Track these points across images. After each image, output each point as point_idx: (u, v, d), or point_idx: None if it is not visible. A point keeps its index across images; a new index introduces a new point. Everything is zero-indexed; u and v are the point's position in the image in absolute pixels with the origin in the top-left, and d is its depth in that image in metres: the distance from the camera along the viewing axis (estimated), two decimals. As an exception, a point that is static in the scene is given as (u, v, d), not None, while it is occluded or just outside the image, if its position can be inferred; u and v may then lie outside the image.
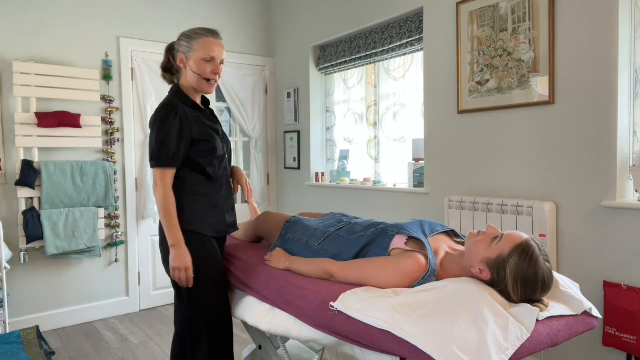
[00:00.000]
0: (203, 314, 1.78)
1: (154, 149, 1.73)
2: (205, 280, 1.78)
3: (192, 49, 1.79)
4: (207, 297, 1.79)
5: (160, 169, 1.72)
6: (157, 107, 1.77)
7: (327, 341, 1.44)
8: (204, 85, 1.83)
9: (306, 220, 1.92)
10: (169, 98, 1.81)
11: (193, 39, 1.79)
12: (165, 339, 3.22)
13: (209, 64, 1.79)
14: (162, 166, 1.72)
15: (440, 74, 2.97)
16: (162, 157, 1.72)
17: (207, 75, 1.80)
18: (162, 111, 1.74)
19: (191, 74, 1.81)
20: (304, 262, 1.68)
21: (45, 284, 3.40)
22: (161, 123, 1.72)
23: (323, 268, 1.59)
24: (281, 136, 4.49)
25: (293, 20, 4.26)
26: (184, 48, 1.81)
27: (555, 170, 2.41)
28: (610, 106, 2.20)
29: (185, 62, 1.81)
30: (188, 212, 1.78)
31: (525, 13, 2.49)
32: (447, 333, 1.14)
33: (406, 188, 3.22)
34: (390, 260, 1.46)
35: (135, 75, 3.75)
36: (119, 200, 3.69)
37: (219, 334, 1.81)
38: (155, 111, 1.77)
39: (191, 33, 1.81)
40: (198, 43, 1.78)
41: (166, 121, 1.72)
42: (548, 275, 1.32)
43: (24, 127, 3.20)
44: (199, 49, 1.78)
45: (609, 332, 2.19)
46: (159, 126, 1.72)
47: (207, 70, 1.80)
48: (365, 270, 1.48)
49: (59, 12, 3.42)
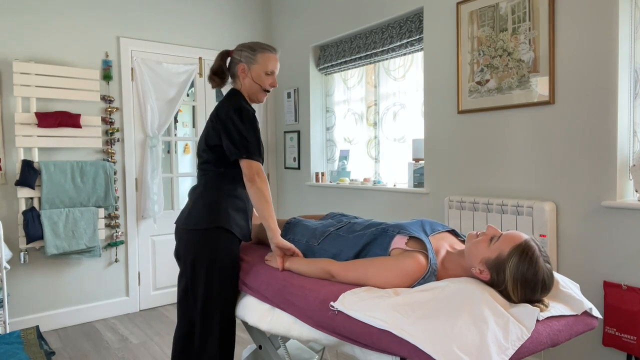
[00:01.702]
0: (218, 307, 1.83)
1: (249, 142, 1.80)
2: (227, 276, 1.84)
3: (256, 61, 1.92)
4: (224, 292, 1.84)
5: (257, 162, 1.82)
6: (235, 106, 1.84)
7: (327, 341, 1.44)
8: (260, 95, 1.97)
9: (306, 221, 1.92)
10: (241, 101, 1.89)
11: (258, 52, 1.92)
12: (165, 338, 3.22)
13: (269, 77, 1.95)
14: (260, 161, 1.83)
15: (440, 74, 2.97)
16: (260, 152, 1.84)
17: (266, 86, 1.96)
18: (248, 112, 1.84)
19: (251, 83, 1.93)
20: (305, 262, 1.68)
21: (45, 284, 3.40)
22: (250, 122, 1.83)
23: (324, 268, 1.59)
24: (281, 136, 4.49)
25: (293, 20, 4.26)
26: (247, 59, 1.92)
27: (555, 170, 2.41)
28: (610, 106, 2.20)
29: (247, 72, 1.93)
30: (223, 210, 1.85)
31: (525, 13, 2.49)
32: (447, 333, 1.14)
33: (406, 188, 3.22)
34: (390, 260, 1.46)
35: (135, 75, 3.75)
36: (119, 200, 3.69)
37: (228, 329, 1.87)
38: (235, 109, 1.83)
39: (256, 47, 1.94)
40: (263, 57, 1.92)
41: (253, 121, 1.85)
42: (548, 276, 1.32)
43: (24, 127, 3.20)
44: (263, 62, 1.92)
45: (609, 332, 2.20)
46: (249, 125, 1.83)
47: (267, 82, 1.95)
48: (366, 270, 1.48)
49: (59, 12, 3.42)
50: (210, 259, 1.82)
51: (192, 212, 1.87)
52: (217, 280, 1.83)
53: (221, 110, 1.86)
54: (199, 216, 1.84)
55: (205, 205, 1.85)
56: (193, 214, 1.86)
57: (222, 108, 1.87)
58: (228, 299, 1.85)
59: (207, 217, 1.83)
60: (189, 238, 1.86)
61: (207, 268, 1.82)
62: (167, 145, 4.25)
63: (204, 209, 1.85)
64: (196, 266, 1.84)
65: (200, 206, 1.86)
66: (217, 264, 1.82)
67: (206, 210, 1.84)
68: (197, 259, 1.83)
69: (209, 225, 1.82)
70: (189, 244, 1.86)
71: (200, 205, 1.86)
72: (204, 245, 1.82)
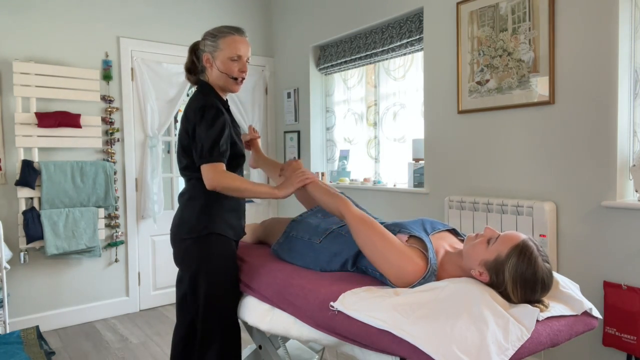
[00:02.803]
0: (219, 315, 1.77)
1: (204, 147, 1.68)
2: (225, 281, 1.78)
3: (218, 48, 1.77)
4: (224, 299, 1.78)
5: (211, 164, 1.68)
6: (198, 105, 1.72)
7: (327, 341, 1.44)
8: (231, 84, 1.82)
9: (310, 219, 1.91)
10: (206, 97, 1.76)
11: (219, 37, 1.78)
12: (165, 338, 3.22)
13: (236, 62, 1.79)
14: (215, 162, 1.68)
15: (440, 74, 2.97)
16: (214, 154, 1.68)
17: (234, 74, 1.80)
18: (210, 110, 1.70)
19: (218, 73, 1.79)
20: (325, 191, 1.66)
21: (45, 284, 3.40)
22: (212, 122, 1.69)
23: (338, 207, 1.57)
24: (281, 136, 4.49)
25: (293, 20, 4.26)
26: (210, 47, 1.79)
27: (555, 170, 2.41)
28: (610, 106, 2.19)
29: (212, 61, 1.79)
30: (214, 214, 1.78)
31: (525, 13, 2.49)
32: (447, 333, 1.14)
33: (406, 188, 3.22)
34: (401, 247, 1.43)
35: (135, 75, 3.75)
36: (119, 200, 3.69)
37: (231, 335, 1.81)
38: (197, 108, 1.71)
39: (216, 32, 1.79)
40: (224, 42, 1.77)
41: (216, 121, 1.70)
42: (547, 276, 1.32)
43: (24, 127, 3.20)
44: (226, 47, 1.77)
45: (609, 332, 2.19)
46: (209, 124, 1.69)
47: (234, 69, 1.79)
48: (374, 239, 1.44)
49: (59, 12, 3.42)
50: (207, 270, 1.75)
51: (183, 219, 1.79)
52: (216, 289, 1.77)
53: (189, 110, 1.76)
54: (190, 224, 1.77)
55: (195, 212, 1.77)
56: (184, 222, 1.79)
57: (190, 107, 1.76)
58: (230, 307, 1.80)
59: (198, 224, 1.76)
60: (182, 247, 1.80)
61: (204, 279, 1.76)
62: (167, 145, 4.25)
63: (194, 216, 1.77)
64: (194, 278, 1.78)
65: (190, 213, 1.78)
66: (214, 273, 1.76)
67: (196, 217, 1.77)
68: (194, 270, 1.77)
69: (200, 233, 1.75)
70: (184, 253, 1.80)
71: (189, 212, 1.78)
72: (199, 255, 1.76)
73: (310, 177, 1.75)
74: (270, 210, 4.61)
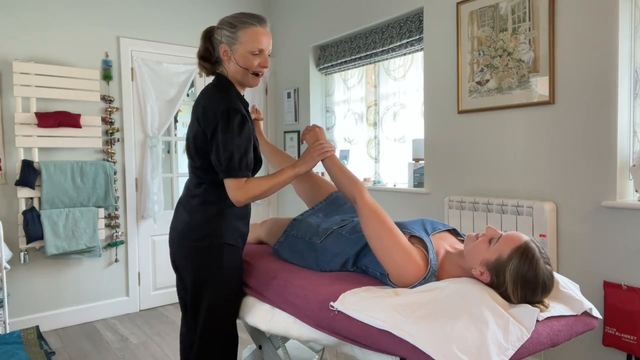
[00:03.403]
0: (219, 328, 1.72)
1: (232, 159, 1.54)
2: (230, 290, 1.73)
3: (237, 40, 1.60)
4: (227, 307, 1.74)
5: (237, 180, 1.56)
6: (220, 107, 1.56)
7: (327, 341, 1.44)
8: (250, 80, 1.66)
9: (311, 218, 1.91)
10: (228, 98, 1.59)
11: (239, 28, 1.60)
12: (165, 339, 3.22)
13: (257, 56, 1.62)
14: (242, 177, 1.57)
15: (440, 74, 2.97)
16: (242, 169, 1.56)
17: (254, 69, 1.63)
18: (235, 116, 1.55)
19: (236, 67, 1.63)
20: (341, 169, 1.62)
21: (45, 284, 3.40)
22: (239, 131, 1.55)
23: (352, 192, 1.55)
24: (281, 136, 4.49)
25: (293, 20, 4.26)
26: (228, 39, 1.61)
27: (555, 170, 2.41)
28: (610, 106, 2.19)
29: (230, 54, 1.62)
30: (227, 222, 1.68)
31: (525, 13, 2.49)
32: (447, 333, 1.14)
33: (406, 188, 3.22)
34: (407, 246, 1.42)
35: (135, 75, 3.75)
36: (119, 200, 3.69)
37: (230, 343, 1.77)
38: (221, 112, 1.55)
39: (235, 22, 1.61)
40: (245, 34, 1.59)
41: (242, 130, 1.56)
42: (548, 278, 1.32)
43: (24, 127, 3.20)
44: (246, 40, 1.59)
45: (609, 332, 2.19)
46: (236, 134, 1.55)
47: (255, 64, 1.62)
48: (382, 235, 1.43)
49: (59, 12, 3.42)
50: (214, 281, 1.68)
51: (194, 224, 1.67)
52: (221, 300, 1.71)
53: (208, 111, 1.58)
54: (202, 231, 1.66)
55: (207, 219, 1.66)
56: (194, 228, 1.67)
57: (209, 106, 1.59)
58: (233, 315, 1.76)
59: (212, 232, 1.66)
60: (189, 253, 1.68)
61: (210, 289, 1.69)
62: (167, 145, 4.25)
63: (206, 223, 1.66)
64: (198, 287, 1.69)
65: (202, 219, 1.66)
66: (221, 285, 1.69)
67: (209, 224, 1.66)
68: (200, 279, 1.68)
69: (212, 242, 1.65)
70: (190, 260, 1.69)
71: (201, 218, 1.66)
72: (207, 264, 1.66)
73: (331, 149, 1.67)
74: (270, 210, 4.61)
